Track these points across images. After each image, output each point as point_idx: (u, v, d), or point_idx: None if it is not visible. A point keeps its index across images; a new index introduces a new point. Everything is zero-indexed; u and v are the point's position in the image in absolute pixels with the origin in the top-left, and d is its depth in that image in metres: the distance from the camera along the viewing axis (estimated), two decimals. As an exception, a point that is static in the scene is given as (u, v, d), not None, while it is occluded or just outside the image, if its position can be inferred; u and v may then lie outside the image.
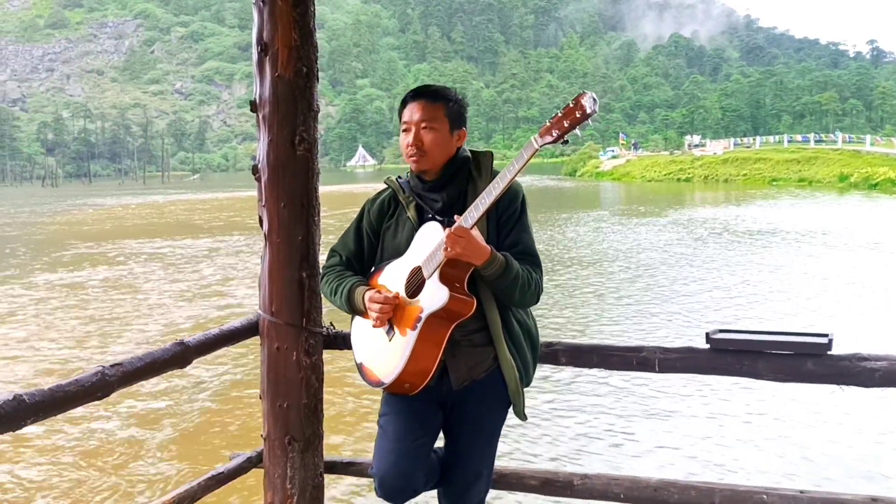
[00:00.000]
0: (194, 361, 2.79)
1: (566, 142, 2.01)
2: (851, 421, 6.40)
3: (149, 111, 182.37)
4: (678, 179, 56.58)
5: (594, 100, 1.94)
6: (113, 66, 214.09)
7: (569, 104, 1.98)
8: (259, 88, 2.89)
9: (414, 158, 2.37)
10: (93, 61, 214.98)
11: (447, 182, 2.39)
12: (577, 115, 1.96)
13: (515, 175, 2.11)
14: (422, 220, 2.40)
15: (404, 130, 2.38)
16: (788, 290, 12.93)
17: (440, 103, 2.36)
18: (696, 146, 73.46)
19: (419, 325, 2.25)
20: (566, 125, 1.98)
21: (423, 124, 2.35)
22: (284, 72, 2.82)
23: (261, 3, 2.82)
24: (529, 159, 2.06)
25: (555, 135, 2.01)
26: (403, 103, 2.40)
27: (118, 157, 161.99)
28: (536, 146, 2.04)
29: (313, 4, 2.87)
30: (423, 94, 2.38)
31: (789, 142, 63.51)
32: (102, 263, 18.99)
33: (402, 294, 2.34)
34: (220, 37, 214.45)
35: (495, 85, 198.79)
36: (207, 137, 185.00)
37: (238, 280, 15.80)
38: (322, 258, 2.76)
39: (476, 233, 2.19)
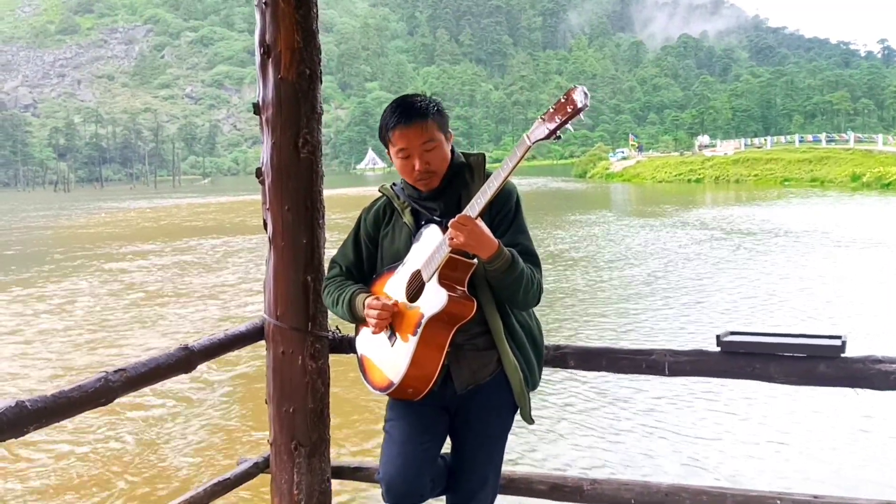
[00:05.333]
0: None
1: (559, 137, 1.95)
2: (865, 424, 6.32)
3: (159, 116, 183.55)
4: (689, 180, 56.39)
5: (585, 93, 1.88)
6: (123, 71, 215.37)
7: (560, 99, 1.93)
8: (262, 91, 2.87)
9: (424, 182, 2.33)
10: (103, 66, 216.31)
11: (443, 189, 2.35)
12: (569, 110, 1.90)
13: (510, 173, 2.06)
14: (418, 224, 2.37)
15: (404, 157, 2.31)
16: (801, 292, 12.80)
17: (430, 119, 2.29)
18: (707, 147, 73.10)
19: (420, 330, 2.22)
20: (558, 120, 1.93)
21: (426, 146, 2.29)
22: (287, 74, 2.80)
23: (263, 6, 2.80)
24: (523, 157, 2.01)
25: (547, 131, 1.95)
26: (389, 128, 2.30)
27: (129, 162, 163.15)
28: (529, 143, 1.99)
29: (316, 6, 2.85)
30: (413, 116, 2.28)
31: (801, 142, 63.10)
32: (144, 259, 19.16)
33: (403, 299, 2.31)
34: (229, 41, 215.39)
35: (504, 87, 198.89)
36: (218, 141, 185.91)
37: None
38: (327, 262, 2.73)
39: (482, 223, 2.14)
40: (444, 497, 2.54)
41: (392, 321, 2.32)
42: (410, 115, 2.28)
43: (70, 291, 15.69)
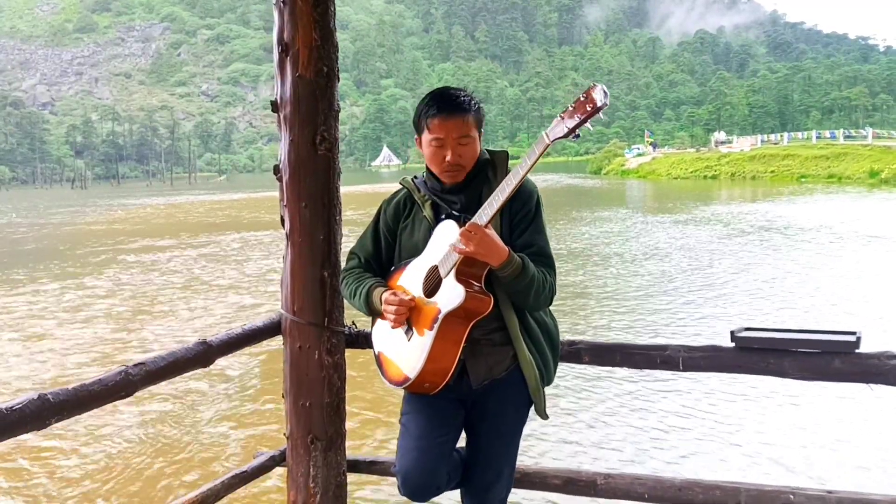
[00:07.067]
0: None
1: (577, 136, 1.97)
2: (880, 420, 6.29)
3: (175, 113, 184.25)
4: (705, 177, 56.05)
5: (605, 92, 1.90)
6: (140, 69, 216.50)
7: (580, 97, 1.94)
8: (280, 88, 2.90)
9: (451, 174, 2.34)
10: (120, 64, 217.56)
11: (466, 184, 2.36)
12: (589, 109, 1.92)
13: (528, 171, 2.07)
14: (438, 218, 2.37)
15: (437, 146, 2.31)
16: (817, 288, 12.74)
17: (471, 115, 2.30)
18: (723, 143, 72.59)
19: (437, 325, 2.24)
20: (578, 118, 1.95)
21: (461, 140, 2.30)
22: (305, 72, 2.82)
23: (281, 4, 2.83)
24: (541, 155, 2.03)
25: (566, 129, 1.97)
26: (429, 116, 2.31)
27: (146, 159, 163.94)
28: (548, 141, 2.01)
29: (333, 4, 2.87)
30: (456, 108, 2.29)
31: (818, 138, 62.62)
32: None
33: (420, 294, 2.32)
34: (245, 39, 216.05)
35: (520, 84, 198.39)
36: (233, 139, 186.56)
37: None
38: (344, 257, 2.75)
39: (492, 232, 2.17)
40: (459, 490, 2.56)
41: (409, 316, 2.34)
42: (453, 107, 2.29)
43: (100, 284, 16.10)
